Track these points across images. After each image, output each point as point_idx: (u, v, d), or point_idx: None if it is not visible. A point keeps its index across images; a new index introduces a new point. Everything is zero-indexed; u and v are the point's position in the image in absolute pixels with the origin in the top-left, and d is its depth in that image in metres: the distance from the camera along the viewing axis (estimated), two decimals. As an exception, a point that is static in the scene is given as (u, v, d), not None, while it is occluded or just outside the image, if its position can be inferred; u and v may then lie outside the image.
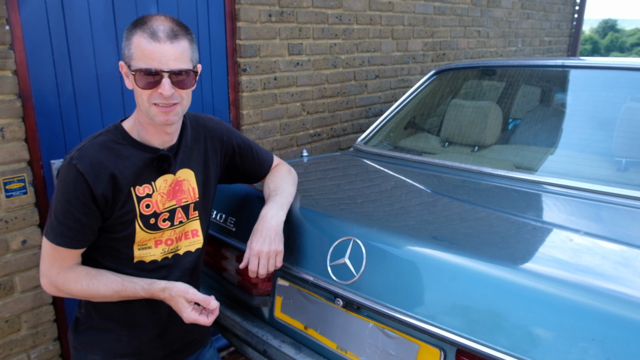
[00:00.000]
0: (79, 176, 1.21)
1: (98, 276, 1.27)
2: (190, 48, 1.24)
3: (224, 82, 2.72)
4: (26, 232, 2.02)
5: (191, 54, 1.25)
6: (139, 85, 1.20)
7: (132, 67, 1.20)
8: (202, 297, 1.26)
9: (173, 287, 1.27)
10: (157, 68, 1.18)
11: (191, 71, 1.24)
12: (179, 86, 1.22)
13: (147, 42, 1.17)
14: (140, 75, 1.19)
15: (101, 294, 1.27)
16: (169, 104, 1.22)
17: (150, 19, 1.20)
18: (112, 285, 1.27)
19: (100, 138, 1.28)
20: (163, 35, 1.18)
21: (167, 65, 1.18)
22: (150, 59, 1.17)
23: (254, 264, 1.40)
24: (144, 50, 1.17)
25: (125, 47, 1.22)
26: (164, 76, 1.19)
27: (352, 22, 3.34)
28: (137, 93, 1.23)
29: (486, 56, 4.84)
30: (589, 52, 44.28)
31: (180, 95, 1.24)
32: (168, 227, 1.35)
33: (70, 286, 1.26)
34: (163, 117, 1.24)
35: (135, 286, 1.28)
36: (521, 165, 1.99)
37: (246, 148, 1.58)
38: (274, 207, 1.47)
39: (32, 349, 2.12)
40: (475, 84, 2.61)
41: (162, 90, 1.19)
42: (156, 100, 1.21)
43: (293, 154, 3.14)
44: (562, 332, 1.02)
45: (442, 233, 1.41)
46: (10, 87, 1.90)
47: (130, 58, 1.20)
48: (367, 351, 1.38)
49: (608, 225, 1.53)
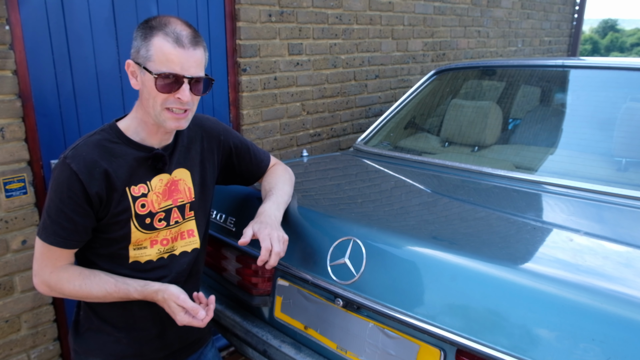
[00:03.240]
0: (73, 175, 1.21)
1: (91, 277, 1.26)
2: (205, 56, 1.26)
3: (224, 82, 2.72)
4: (26, 232, 2.02)
5: (205, 62, 1.27)
6: (158, 88, 1.19)
7: (152, 70, 1.19)
8: (191, 306, 1.23)
9: (166, 290, 1.25)
10: (179, 73, 1.19)
11: (207, 79, 1.26)
12: (195, 93, 1.23)
13: (171, 46, 1.17)
14: (161, 79, 1.18)
15: (94, 295, 1.26)
16: (183, 110, 1.23)
17: (169, 21, 1.20)
18: (105, 286, 1.26)
19: (94, 137, 1.28)
20: (187, 42, 1.18)
21: (188, 72, 1.19)
22: (173, 63, 1.18)
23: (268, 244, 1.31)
24: (167, 54, 1.17)
25: (142, 47, 1.20)
26: (184, 82, 1.20)
27: (352, 22, 3.34)
28: (149, 95, 1.22)
29: (486, 56, 4.84)
30: (589, 52, 44.27)
31: (193, 102, 1.25)
32: (164, 227, 1.35)
33: (62, 286, 1.25)
34: (175, 123, 1.25)
35: (129, 287, 1.27)
36: (521, 165, 1.99)
37: (243, 148, 1.58)
38: (272, 207, 1.47)
39: (32, 349, 2.12)
40: (475, 84, 2.60)
41: (180, 96, 1.20)
42: (171, 105, 1.21)
43: (293, 154, 3.13)
44: (562, 332, 1.02)
45: (442, 233, 1.41)
46: (10, 87, 1.90)
47: (148, 59, 1.19)
48: (367, 351, 1.38)
49: (608, 225, 1.53)
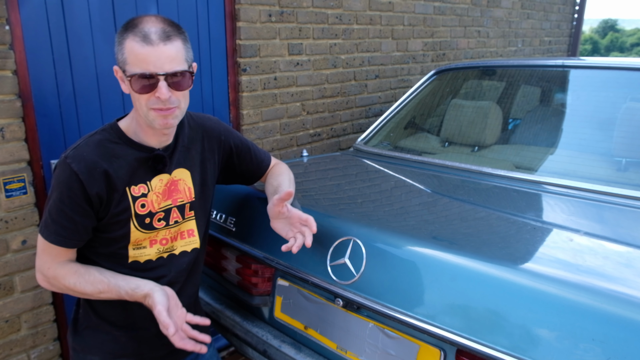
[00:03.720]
0: (73, 175, 1.21)
1: (86, 275, 1.27)
2: (184, 48, 1.21)
3: (224, 82, 2.72)
4: (26, 232, 2.02)
5: (185, 54, 1.22)
6: (135, 90, 1.18)
7: (127, 73, 1.18)
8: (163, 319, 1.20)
9: (153, 296, 1.24)
10: (152, 72, 1.16)
11: (187, 72, 1.22)
12: (176, 88, 1.20)
13: (139, 46, 1.15)
14: (136, 80, 1.17)
15: (88, 294, 1.27)
16: (167, 108, 1.21)
17: (140, 21, 1.18)
18: (99, 286, 1.26)
19: (95, 137, 1.28)
20: (155, 38, 1.15)
21: (162, 68, 1.16)
22: (144, 62, 1.15)
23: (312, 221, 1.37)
24: (137, 54, 1.15)
25: (119, 52, 1.20)
26: (160, 79, 1.17)
27: (352, 22, 3.34)
28: (134, 98, 1.22)
29: (486, 56, 4.84)
30: (589, 52, 44.25)
31: (178, 98, 1.22)
32: (163, 227, 1.35)
33: (60, 282, 1.27)
34: (162, 121, 1.23)
35: (120, 290, 1.27)
36: (521, 165, 1.99)
37: (244, 148, 1.58)
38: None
39: (32, 349, 2.12)
40: (475, 84, 2.60)
41: (159, 94, 1.17)
42: (154, 105, 1.20)
43: (293, 154, 3.13)
44: (562, 332, 1.02)
45: (442, 233, 1.41)
46: (10, 87, 1.90)
47: (125, 63, 1.18)
48: (367, 351, 1.38)
49: (608, 225, 1.53)
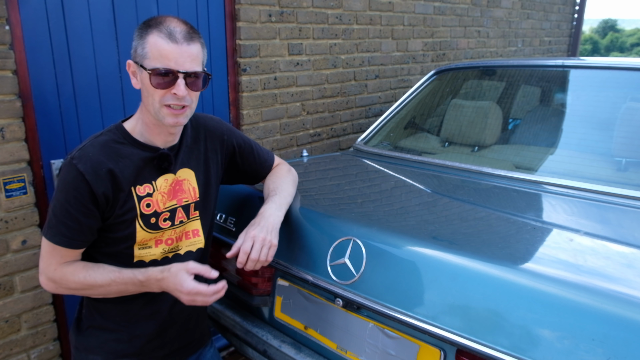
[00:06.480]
0: (79, 176, 1.21)
1: (95, 267, 1.28)
2: (202, 52, 1.27)
3: (224, 82, 2.72)
4: (26, 232, 2.02)
5: (203, 58, 1.28)
6: (153, 84, 1.21)
7: (147, 66, 1.21)
8: (202, 268, 1.25)
9: (172, 265, 1.26)
10: (174, 68, 1.20)
11: (204, 74, 1.27)
12: (192, 88, 1.24)
13: (164, 42, 1.19)
14: (155, 75, 1.20)
15: (98, 284, 1.26)
16: (181, 106, 1.24)
17: (165, 19, 1.22)
18: (110, 274, 1.27)
19: (101, 138, 1.29)
20: (180, 37, 1.20)
21: (182, 67, 1.21)
22: (166, 59, 1.19)
23: (247, 246, 1.35)
24: (160, 50, 1.19)
25: (139, 46, 1.23)
26: (179, 77, 1.21)
27: (352, 22, 3.34)
28: (147, 93, 1.24)
29: (486, 56, 4.84)
30: (589, 52, 44.24)
31: (191, 98, 1.26)
32: (168, 227, 1.36)
33: (67, 280, 1.26)
34: (173, 120, 1.26)
35: (134, 271, 1.27)
36: (521, 165, 1.99)
37: (247, 148, 1.58)
38: (272, 207, 1.46)
39: (32, 349, 2.12)
40: (475, 84, 2.60)
41: (176, 91, 1.21)
42: (169, 102, 1.23)
43: (293, 154, 3.13)
44: (562, 332, 1.02)
45: (442, 233, 1.41)
46: (10, 87, 1.90)
47: (144, 57, 1.21)
48: (367, 351, 1.38)
49: (608, 226, 1.52)
